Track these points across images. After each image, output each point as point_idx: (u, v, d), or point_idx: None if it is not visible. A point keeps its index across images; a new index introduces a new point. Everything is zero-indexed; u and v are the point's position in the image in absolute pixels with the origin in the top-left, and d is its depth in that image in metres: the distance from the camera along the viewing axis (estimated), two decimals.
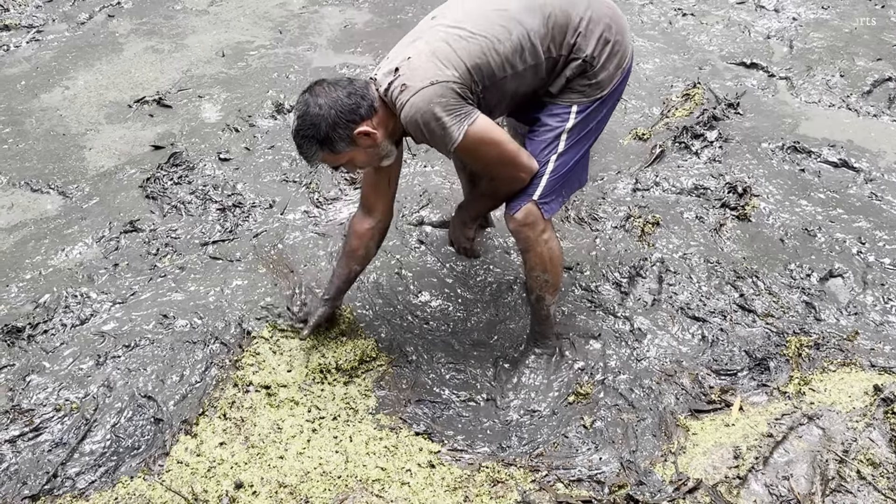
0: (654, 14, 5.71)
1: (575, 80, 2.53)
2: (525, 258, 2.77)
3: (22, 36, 5.60)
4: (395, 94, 2.42)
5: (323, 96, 2.42)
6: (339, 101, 2.42)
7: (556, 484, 2.56)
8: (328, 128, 2.41)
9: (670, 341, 3.07)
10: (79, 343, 3.06)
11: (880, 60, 4.90)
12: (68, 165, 4.23)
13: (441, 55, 2.41)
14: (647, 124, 4.46)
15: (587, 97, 2.56)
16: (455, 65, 2.40)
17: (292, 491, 2.53)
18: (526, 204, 2.61)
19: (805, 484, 2.44)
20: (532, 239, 2.67)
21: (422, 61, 2.41)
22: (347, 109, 2.42)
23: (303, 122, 2.43)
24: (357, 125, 2.44)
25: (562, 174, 2.62)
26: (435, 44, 2.44)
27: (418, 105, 2.37)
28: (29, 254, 3.57)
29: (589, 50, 2.48)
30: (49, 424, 2.74)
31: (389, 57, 2.55)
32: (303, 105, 2.44)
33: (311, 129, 2.42)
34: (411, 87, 2.38)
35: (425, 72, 2.39)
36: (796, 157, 4.05)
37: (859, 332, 3.03)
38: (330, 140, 2.44)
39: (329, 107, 2.40)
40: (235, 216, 3.79)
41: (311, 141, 2.45)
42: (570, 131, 2.58)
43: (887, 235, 3.50)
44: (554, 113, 2.59)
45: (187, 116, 4.67)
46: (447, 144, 2.43)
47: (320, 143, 2.45)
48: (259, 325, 3.13)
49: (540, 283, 2.79)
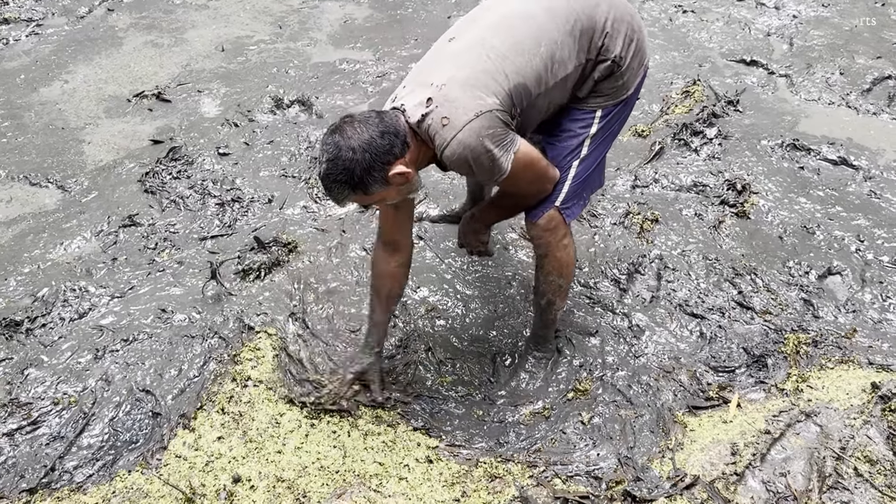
0: (654, 11, 5.71)
1: (603, 83, 2.45)
2: (542, 262, 2.70)
3: (21, 29, 5.59)
4: (433, 128, 2.26)
5: (355, 138, 2.21)
6: (373, 142, 2.21)
7: (553, 480, 2.56)
8: (363, 172, 2.22)
9: (669, 338, 3.08)
10: (77, 337, 3.06)
11: (880, 58, 4.90)
12: (67, 159, 4.22)
13: (477, 82, 2.26)
14: (646, 121, 4.46)
15: (612, 99, 2.49)
16: (494, 91, 2.26)
17: (290, 485, 2.53)
18: (549, 210, 2.55)
19: (802, 481, 2.44)
20: (553, 244, 2.61)
21: (457, 91, 2.25)
22: (383, 151, 2.23)
23: (334, 167, 2.22)
24: (391, 166, 2.26)
25: (583, 179, 2.56)
26: (466, 70, 2.28)
27: (467, 141, 2.23)
28: (27, 247, 3.56)
29: (617, 50, 2.40)
30: (47, 418, 2.74)
31: (409, 84, 2.40)
32: (333, 148, 2.22)
33: (343, 175, 2.22)
34: (454, 121, 2.23)
35: (466, 103, 2.24)
36: (795, 154, 4.05)
37: (857, 329, 3.04)
38: (364, 184, 2.25)
39: (363, 150, 2.20)
40: (234, 211, 3.79)
41: (343, 186, 2.25)
42: (593, 137, 2.51)
43: (886, 233, 3.50)
44: (577, 118, 2.51)
45: (186, 111, 4.66)
46: (494, 176, 2.33)
47: (353, 186, 2.25)
48: (259, 321, 3.13)
49: (554, 287, 2.75)
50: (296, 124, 4.51)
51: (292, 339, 3.04)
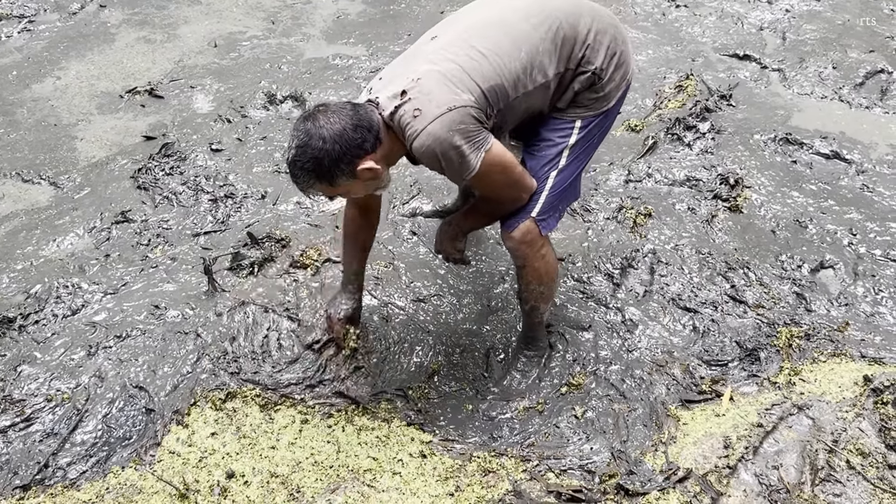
0: (647, 5, 5.70)
1: (582, 94, 2.43)
2: (521, 273, 2.69)
3: (13, 26, 5.57)
4: (404, 119, 2.25)
5: (327, 128, 2.19)
6: (344, 134, 2.20)
7: (547, 474, 2.57)
8: (331, 163, 2.21)
9: (662, 332, 3.08)
10: (70, 333, 3.05)
11: (873, 52, 4.90)
12: (60, 156, 4.21)
13: (453, 78, 2.25)
14: (639, 116, 4.46)
15: (592, 111, 2.47)
16: (470, 88, 2.25)
17: (284, 481, 2.54)
18: (524, 221, 2.52)
19: (795, 473, 2.45)
20: (530, 256, 2.59)
21: (433, 84, 2.24)
22: (354, 144, 2.22)
23: (303, 154, 2.21)
24: (361, 160, 2.25)
25: (560, 190, 2.54)
26: (444, 64, 2.28)
27: (437, 133, 2.21)
28: (20, 244, 3.55)
29: (598, 62, 2.39)
30: (40, 415, 2.73)
31: (385, 76, 2.40)
32: (303, 135, 2.21)
33: (311, 163, 2.21)
34: (426, 113, 2.22)
35: (440, 96, 2.22)
36: (788, 148, 4.06)
37: (850, 322, 3.05)
38: (331, 175, 2.24)
39: (334, 141, 2.19)
40: (227, 207, 3.79)
41: (308, 174, 2.25)
42: (572, 147, 2.49)
43: (878, 227, 3.51)
44: (556, 128, 2.49)
45: (179, 107, 4.65)
46: (462, 174, 2.31)
47: (319, 176, 2.25)
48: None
49: (535, 294, 2.74)
50: (289, 120, 4.50)
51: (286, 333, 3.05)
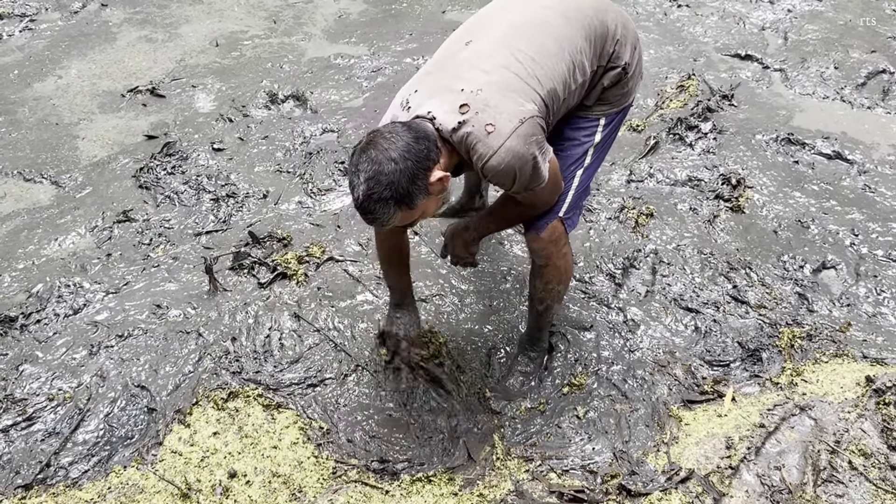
0: (648, 5, 5.70)
1: (610, 90, 2.42)
2: (542, 272, 2.64)
3: (15, 25, 5.57)
4: (475, 135, 2.12)
5: (392, 148, 2.04)
6: (411, 148, 2.06)
7: (549, 474, 2.57)
8: (408, 183, 2.05)
9: (663, 332, 3.08)
10: (72, 333, 3.05)
11: (875, 52, 4.90)
12: (61, 155, 4.21)
13: (514, 88, 2.16)
14: (641, 115, 4.46)
15: (617, 107, 2.47)
16: (531, 97, 2.18)
17: (286, 480, 2.54)
18: (553, 222, 2.47)
19: (797, 474, 2.45)
20: (554, 254, 2.55)
21: (498, 96, 2.14)
22: (422, 156, 2.07)
23: (376, 184, 2.03)
24: (430, 172, 2.10)
25: (584, 188, 2.53)
26: (499, 74, 2.18)
27: (516, 149, 2.11)
28: (22, 243, 3.55)
29: (626, 57, 2.38)
30: (42, 414, 2.73)
31: (423, 90, 2.25)
32: (372, 164, 2.03)
33: (388, 190, 2.03)
34: (501, 128, 2.10)
35: (509, 108, 2.13)
36: (790, 148, 4.06)
37: (852, 323, 3.05)
38: (410, 196, 2.07)
39: (404, 157, 2.04)
40: (229, 206, 3.79)
41: (388, 203, 2.06)
42: (597, 145, 2.48)
43: (880, 227, 3.51)
44: (581, 126, 2.46)
45: (181, 106, 4.65)
46: (532, 185, 2.24)
47: (398, 201, 2.07)
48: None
49: (553, 294, 2.72)
50: (290, 119, 4.50)
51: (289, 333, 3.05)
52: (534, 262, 2.65)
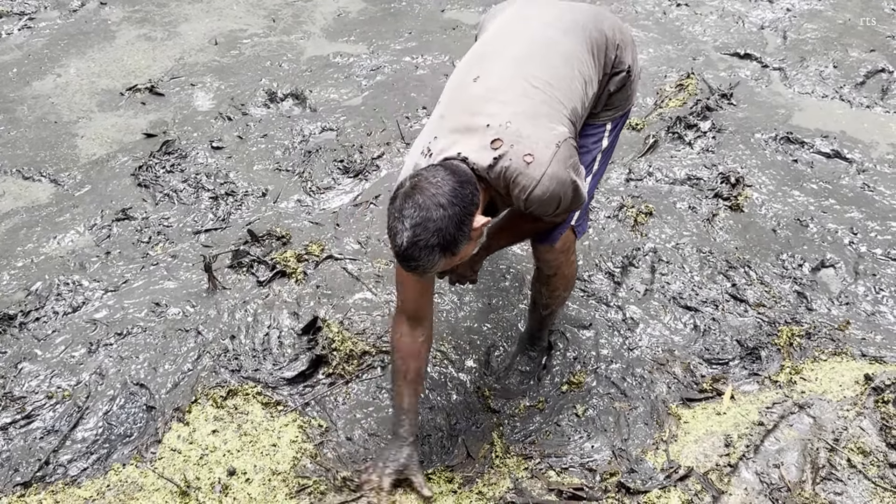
0: (648, 4, 5.70)
1: (616, 94, 2.41)
2: (550, 281, 2.61)
3: (14, 23, 5.56)
4: (512, 168, 2.06)
5: (440, 194, 1.95)
6: (457, 193, 1.97)
7: (548, 472, 2.57)
8: (455, 230, 1.97)
9: (662, 331, 3.08)
10: (71, 331, 3.05)
11: (874, 51, 4.90)
12: (60, 153, 4.21)
13: (542, 113, 2.12)
14: (640, 114, 4.45)
15: (621, 110, 2.48)
16: (560, 120, 2.14)
17: (285, 478, 2.53)
18: (565, 232, 2.44)
19: (795, 472, 2.46)
20: (564, 264, 2.55)
21: (528, 126, 2.09)
22: (468, 202, 1.99)
23: (424, 231, 1.93)
24: (475, 217, 2.03)
25: (592, 194, 2.51)
26: (522, 104, 2.12)
27: (558, 175, 2.08)
28: (20, 241, 3.55)
29: (628, 60, 2.39)
30: (41, 412, 2.73)
31: (443, 133, 2.16)
32: (419, 210, 1.94)
33: (436, 237, 1.94)
34: (540, 157, 2.05)
35: (543, 135, 2.08)
36: (789, 147, 4.06)
37: (850, 321, 3.05)
38: (456, 243, 1.99)
39: (452, 203, 1.95)
40: (228, 205, 3.78)
41: (433, 250, 1.96)
42: (604, 150, 2.48)
43: (879, 226, 3.51)
44: (589, 134, 2.44)
45: (179, 104, 4.65)
46: (572, 206, 2.22)
47: (444, 249, 1.97)
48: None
49: (558, 300, 2.73)
50: (290, 118, 4.50)
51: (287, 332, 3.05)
52: (540, 270, 2.62)
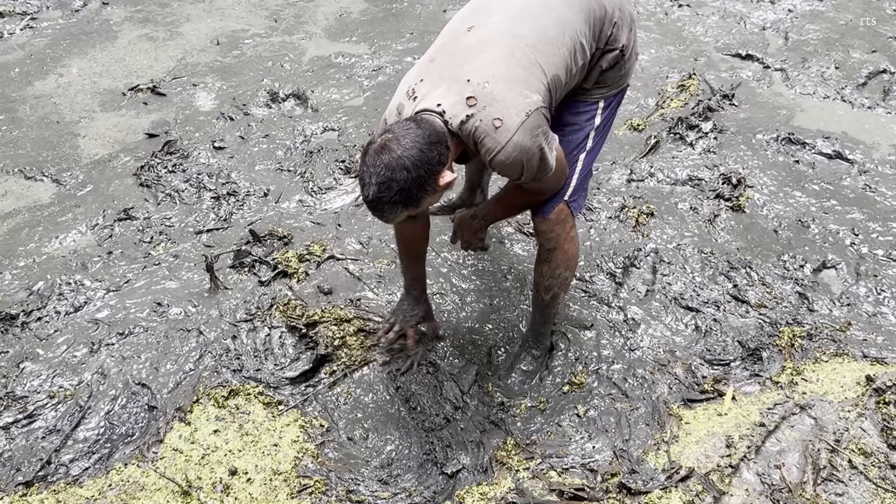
0: (649, 4, 5.70)
1: (608, 72, 2.43)
2: (550, 256, 2.65)
3: (16, 23, 5.57)
4: (482, 129, 2.15)
5: (406, 156, 2.07)
6: (422, 156, 2.08)
7: (549, 472, 2.57)
8: (418, 189, 2.11)
9: (664, 331, 3.08)
10: (72, 330, 3.05)
11: (875, 52, 4.90)
12: (62, 153, 4.21)
13: (519, 78, 2.17)
14: (642, 115, 4.45)
15: (615, 89, 2.50)
16: (536, 87, 2.19)
17: (286, 478, 2.54)
18: (559, 205, 2.51)
19: (797, 473, 2.46)
20: (562, 237, 2.59)
21: (503, 89, 2.15)
22: (433, 163, 2.11)
23: (388, 189, 2.08)
24: (440, 175, 2.16)
25: (588, 171, 2.56)
26: (504, 64, 2.18)
27: (523, 143, 2.15)
28: (22, 241, 3.56)
29: (623, 39, 2.40)
30: (43, 411, 2.74)
31: (429, 78, 2.26)
32: (384, 170, 2.07)
33: (398, 195, 2.10)
34: (508, 123, 2.13)
35: (515, 102, 2.15)
36: (791, 148, 4.06)
37: (852, 322, 3.05)
38: (418, 200, 2.15)
39: (416, 167, 2.08)
40: (230, 205, 3.79)
41: (396, 205, 2.13)
42: (597, 128, 2.51)
43: (880, 227, 3.51)
44: (581, 111, 2.49)
45: (181, 104, 4.65)
46: (539, 175, 2.27)
47: (406, 204, 2.14)
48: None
49: (560, 280, 2.73)
50: (291, 118, 4.50)
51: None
52: (542, 246, 2.68)
